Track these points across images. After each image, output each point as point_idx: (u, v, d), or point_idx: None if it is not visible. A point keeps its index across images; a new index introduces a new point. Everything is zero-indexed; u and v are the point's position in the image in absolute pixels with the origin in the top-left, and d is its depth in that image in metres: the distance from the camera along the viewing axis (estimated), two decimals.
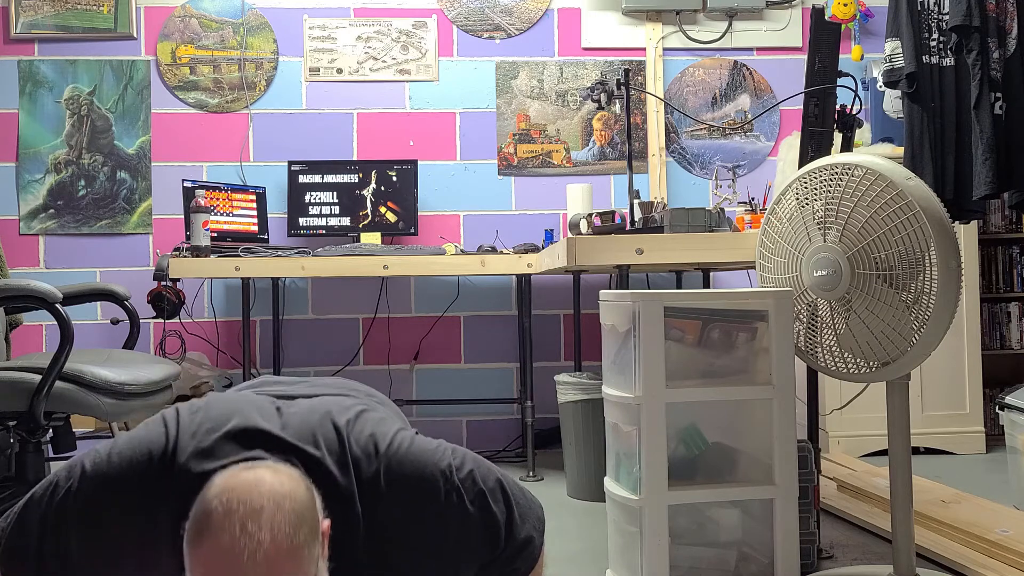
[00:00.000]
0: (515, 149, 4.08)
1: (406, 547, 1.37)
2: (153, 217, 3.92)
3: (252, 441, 1.31)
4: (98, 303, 3.74)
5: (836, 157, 2.06)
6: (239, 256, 3.35)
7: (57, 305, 2.24)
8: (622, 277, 2.52)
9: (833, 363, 2.09)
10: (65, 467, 1.37)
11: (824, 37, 2.33)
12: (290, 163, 3.84)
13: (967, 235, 3.69)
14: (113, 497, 1.32)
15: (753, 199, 3.15)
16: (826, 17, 2.55)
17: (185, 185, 3.65)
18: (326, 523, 1.26)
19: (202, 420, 1.37)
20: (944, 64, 2.54)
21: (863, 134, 3.83)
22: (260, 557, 1.13)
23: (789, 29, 4.16)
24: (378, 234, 3.78)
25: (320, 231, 3.82)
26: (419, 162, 3.91)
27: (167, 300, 3.41)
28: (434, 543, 1.38)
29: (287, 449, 1.31)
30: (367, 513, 1.35)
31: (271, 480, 1.20)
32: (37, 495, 1.35)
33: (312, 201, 3.83)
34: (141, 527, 1.31)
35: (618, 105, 3.82)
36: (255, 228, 3.79)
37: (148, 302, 3.42)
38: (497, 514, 1.41)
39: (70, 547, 1.32)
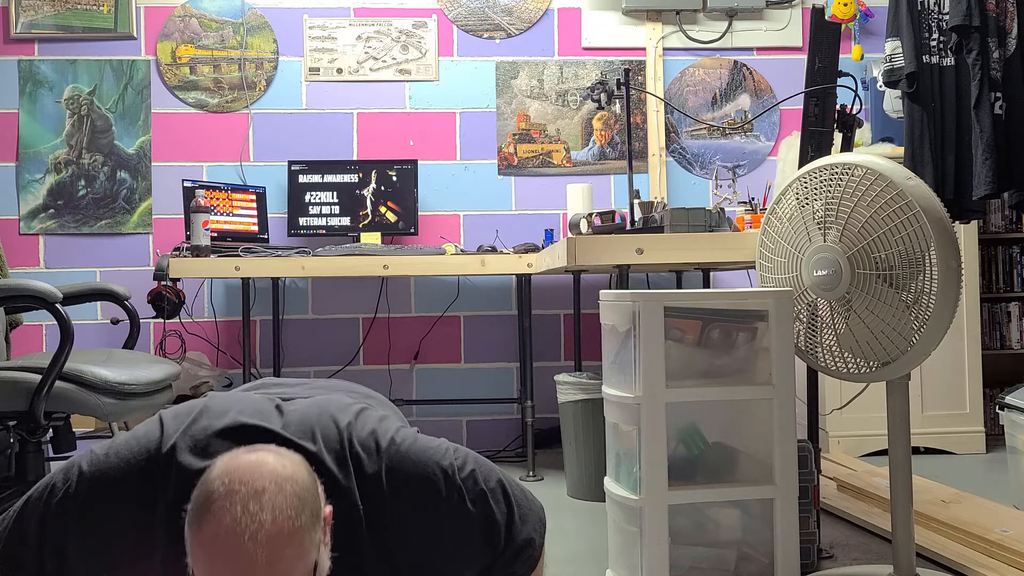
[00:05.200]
0: (515, 149, 4.08)
1: (407, 544, 1.37)
2: (153, 217, 3.92)
3: (249, 438, 1.31)
4: (98, 303, 3.74)
5: (836, 157, 2.06)
6: (239, 256, 3.35)
7: (57, 305, 2.24)
8: (622, 277, 2.52)
9: (833, 363, 2.09)
10: (62, 468, 1.37)
11: (824, 37, 2.33)
12: (290, 163, 3.84)
13: (967, 235, 3.69)
14: (110, 496, 1.33)
15: (753, 199, 3.15)
16: (826, 17, 2.55)
17: (185, 185, 3.65)
18: (328, 509, 1.26)
19: (199, 418, 1.37)
20: (944, 64, 2.54)
21: (863, 134, 3.83)
22: (262, 537, 1.13)
23: (789, 29, 4.16)
24: (378, 234, 3.78)
25: (320, 231, 3.82)
26: (419, 162, 3.91)
27: (167, 300, 3.41)
28: (434, 541, 1.38)
29: (285, 446, 1.31)
30: (368, 509, 1.35)
31: (273, 463, 1.20)
32: (35, 496, 1.35)
33: (312, 201, 3.83)
34: (139, 525, 1.31)
35: (618, 105, 3.82)
36: (255, 228, 3.79)
37: (148, 302, 3.42)
38: (498, 514, 1.41)
39: (68, 547, 1.32)
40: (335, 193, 3.83)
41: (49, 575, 1.33)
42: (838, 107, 2.37)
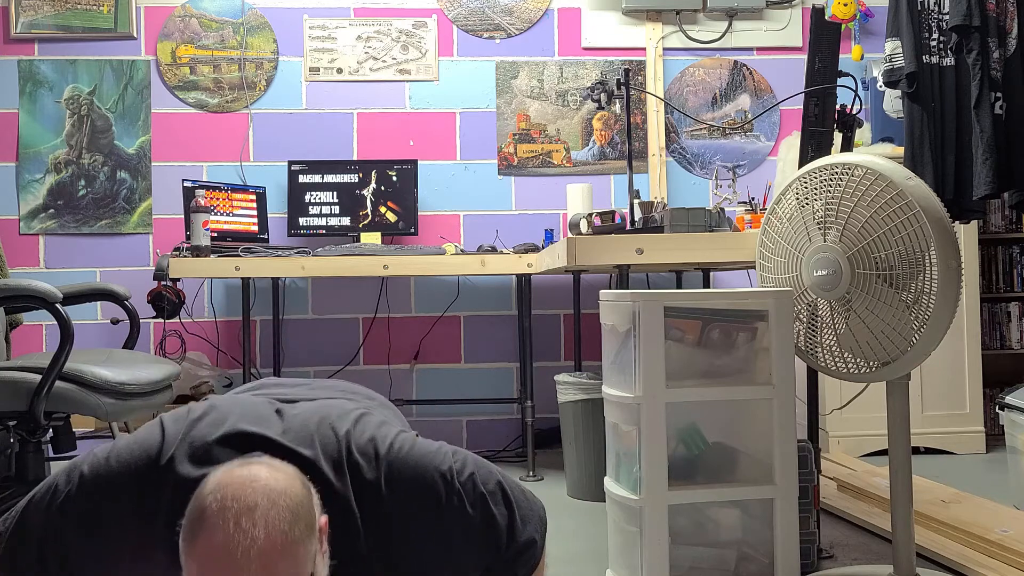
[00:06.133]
0: (515, 149, 4.08)
1: (409, 550, 1.37)
2: (153, 217, 3.92)
3: (247, 446, 1.32)
4: (98, 303, 3.74)
5: (836, 157, 2.06)
6: (239, 256, 3.35)
7: (57, 305, 2.24)
8: (622, 277, 2.52)
9: (833, 363, 2.09)
10: (64, 470, 1.37)
11: (824, 37, 2.33)
12: (290, 163, 3.84)
13: (967, 235, 3.69)
14: (111, 500, 1.33)
15: (753, 199, 3.15)
16: (826, 17, 2.55)
17: (185, 185, 3.65)
18: (324, 519, 1.25)
19: (199, 425, 1.38)
20: (944, 64, 2.54)
21: (863, 134, 3.83)
22: (254, 553, 1.13)
23: (789, 29, 4.16)
24: (378, 234, 3.78)
25: (320, 231, 3.82)
26: (419, 162, 3.91)
27: (167, 300, 3.41)
28: (435, 546, 1.38)
29: (282, 454, 1.31)
30: (367, 517, 1.35)
31: (266, 477, 1.20)
32: (37, 497, 1.36)
33: (312, 201, 3.83)
34: (139, 529, 1.32)
35: (618, 105, 3.82)
36: (255, 228, 3.79)
37: (148, 302, 3.42)
38: (498, 517, 1.41)
39: (69, 549, 1.32)
40: (335, 193, 3.83)
41: (51, 575, 1.33)
42: (838, 107, 2.37)
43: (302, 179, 3.83)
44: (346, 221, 3.82)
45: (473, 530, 1.39)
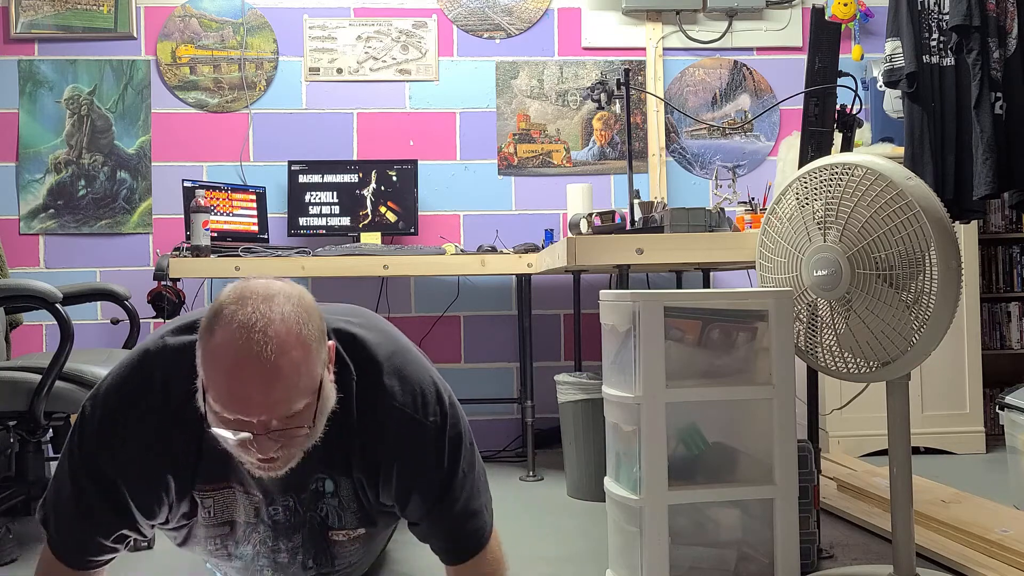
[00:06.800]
0: (515, 149, 4.08)
1: (388, 440, 1.41)
2: (153, 217, 3.92)
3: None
4: (98, 303, 3.74)
5: (836, 157, 2.06)
6: (239, 256, 3.35)
7: (57, 305, 2.24)
8: (622, 277, 2.52)
9: (833, 363, 2.09)
10: (80, 410, 1.45)
11: (824, 37, 2.33)
12: (290, 163, 3.84)
13: (967, 235, 3.69)
14: (122, 401, 1.39)
15: (753, 199, 3.15)
16: (826, 17, 2.55)
17: (185, 185, 3.65)
18: (332, 343, 1.32)
19: (185, 317, 1.46)
20: (944, 64, 2.54)
21: (863, 134, 3.83)
22: (271, 332, 1.18)
23: (789, 29, 4.16)
24: (378, 234, 3.78)
25: (320, 231, 3.82)
26: (419, 162, 3.91)
27: (167, 300, 3.40)
28: (408, 444, 1.42)
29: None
30: (361, 392, 1.39)
31: (281, 284, 1.27)
32: (63, 453, 1.45)
33: (312, 201, 3.83)
34: (158, 412, 1.36)
35: (618, 105, 3.82)
36: (255, 228, 3.79)
37: (148, 302, 3.41)
38: (462, 463, 1.46)
39: (104, 470, 1.38)
40: (335, 193, 3.83)
41: (95, 498, 1.38)
42: (838, 107, 2.37)
43: (302, 179, 3.83)
44: (346, 221, 3.82)
45: (437, 457, 1.43)
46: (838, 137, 2.41)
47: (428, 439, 1.42)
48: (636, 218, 2.78)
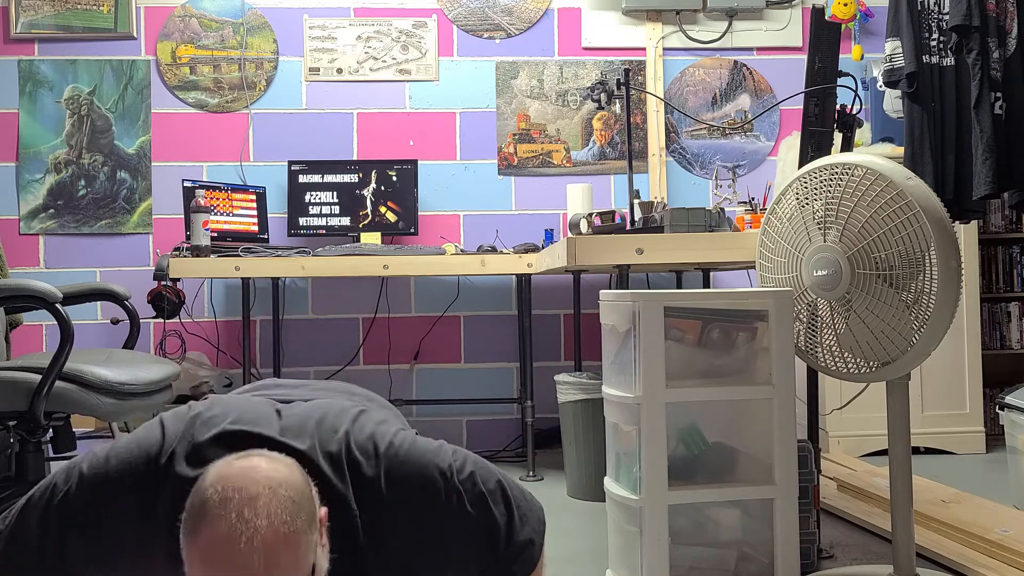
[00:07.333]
0: (515, 149, 4.08)
1: (406, 548, 1.37)
2: (153, 217, 3.92)
3: (245, 445, 1.32)
4: (98, 303, 3.74)
5: (836, 157, 2.06)
6: (239, 256, 3.35)
7: (57, 305, 2.24)
8: (622, 277, 2.51)
9: (833, 363, 2.09)
10: (64, 469, 1.37)
11: (824, 37, 2.33)
12: (290, 163, 3.84)
13: (967, 235, 3.69)
14: (110, 498, 1.33)
15: (753, 199, 3.15)
16: (826, 17, 2.55)
17: (185, 185, 3.65)
18: (323, 511, 1.26)
19: (198, 424, 1.38)
20: (944, 64, 2.54)
21: (863, 134, 3.83)
22: (258, 543, 1.13)
23: (789, 29, 4.16)
24: (378, 234, 3.78)
25: (320, 231, 3.82)
26: (419, 162, 3.91)
27: (167, 300, 3.41)
28: (435, 544, 1.38)
29: (280, 450, 1.31)
30: (366, 514, 1.35)
31: (266, 467, 1.20)
32: (36, 496, 1.36)
33: (312, 201, 3.83)
34: (138, 528, 1.32)
35: (618, 105, 3.82)
36: (255, 228, 3.79)
37: (148, 302, 3.42)
38: (497, 516, 1.40)
39: (67, 547, 1.32)
40: (335, 193, 3.83)
41: (49, 572, 1.33)
42: (838, 107, 2.37)
43: (302, 179, 3.83)
44: (346, 221, 3.82)
45: (471, 529, 1.39)
46: (838, 137, 2.41)
47: (452, 525, 1.38)
48: (636, 218, 2.78)
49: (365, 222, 3.82)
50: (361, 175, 3.84)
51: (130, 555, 1.33)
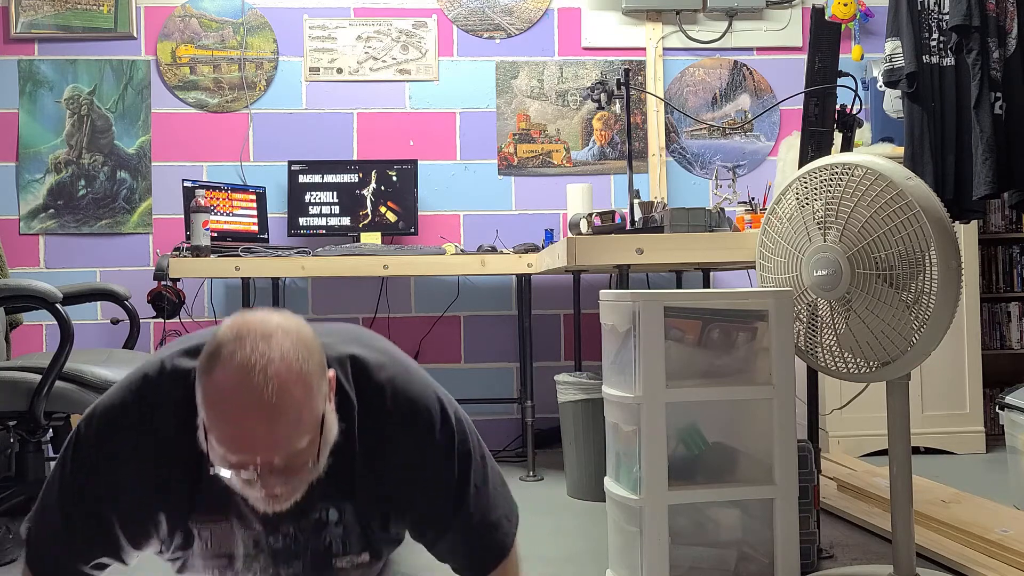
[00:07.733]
0: (515, 149, 4.08)
1: (392, 459, 1.40)
2: (153, 217, 3.92)
3: None
4: (98, 303, 3.74)
5: (836, 157, 2.07)
6: (239, 256, 3.35)
7: (57, 305, 2.25)
8: (622, 277, 2.52)
9: (833, 363, 2.09)
10: (79, 421, 1.41)
11: (824, 37, 2.33)
12: (290, 163, 3.84)
13: (967, 235, 3.69)
14: (121, 424, 1.36)
15: (753, 199, 3.15)
16: (826, 17, 2.55)
17: (185, 185, 3.65)
18: (332, 372, 1.30)
19: (191, 337, 1.43)
20: (944, 64, 2.54)
21: (863, 134, 3.83)
22: (271, 372, 1.17)
23: (789, 29, 4.16)
24: (378, 234, 3.78)
25: (320, 231, 3.82)
26: (419, 162, 3.91)
27: (167, 300, 3.41)
28: (414, 467, 1.40)
29: None
30: (365, 415, 1.38)
31: (279, 318, 1.25)
32: (53, 470, 1.41)
33: (312, 201, 3.83)
34: (153, 434, 1.34)
35: (618, 105, 3.82)
36: (255, 228, 3.79)
37: (148, 302, 3.42)
38: (473, 478, 1.44)
39: (93, 486, 1.35)
40: (335, 193, 3.83)
41: (80, 522, 1.35)
42: (838, 107, 2.37)
43: (302, 179, 3.83)
44: (346, 221, 3.82)
45: (448, 472, 1.42)
46: (838, 137, 2.41)
47: (436, 459, 1.41)
48: (636, 218, 2.78)
49: (365, 222, 3.82)
50: (361, 175, 3.84)
51: (153, 477, 1.35)
